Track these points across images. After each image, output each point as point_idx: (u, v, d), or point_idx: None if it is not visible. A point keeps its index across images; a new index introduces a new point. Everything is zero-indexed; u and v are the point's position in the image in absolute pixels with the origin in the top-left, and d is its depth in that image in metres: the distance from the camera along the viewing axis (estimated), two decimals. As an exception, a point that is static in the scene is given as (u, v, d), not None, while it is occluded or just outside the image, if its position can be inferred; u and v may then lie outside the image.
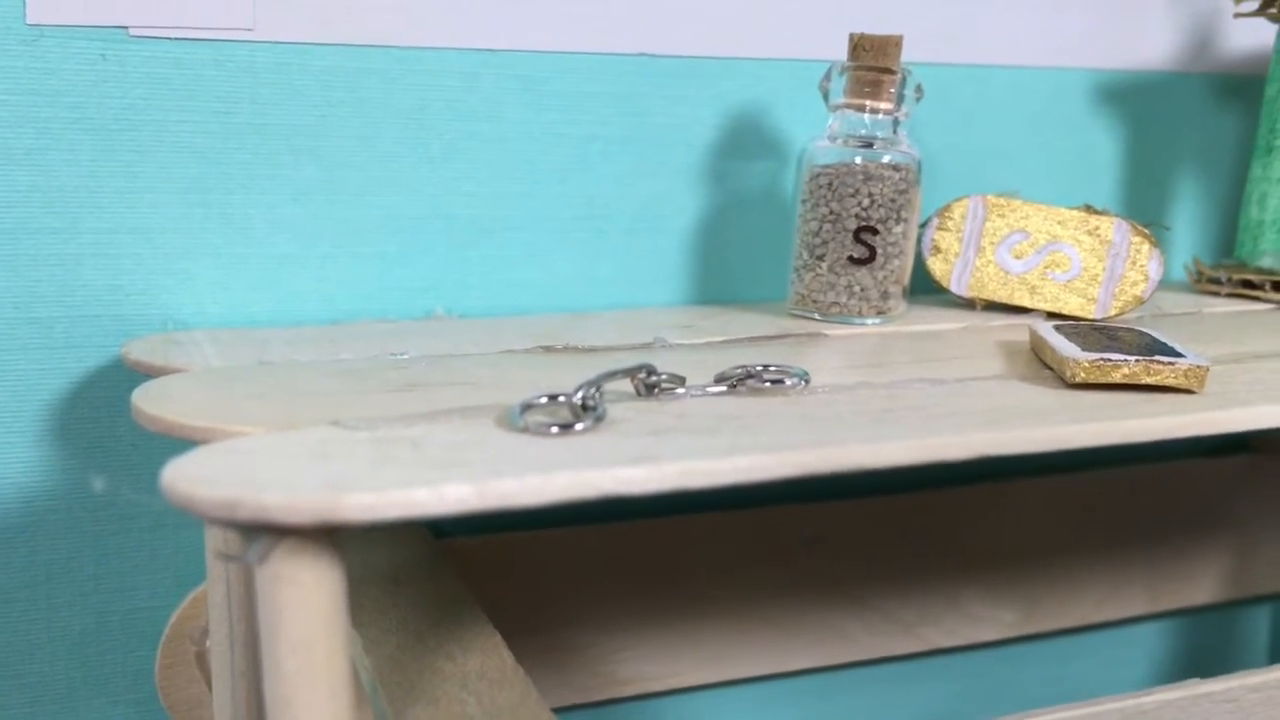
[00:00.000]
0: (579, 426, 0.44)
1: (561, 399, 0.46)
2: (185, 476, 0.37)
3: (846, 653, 0.78)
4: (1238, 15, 0.76)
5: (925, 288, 0.72)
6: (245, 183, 0.62)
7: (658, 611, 0.73)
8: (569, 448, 0.43)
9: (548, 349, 0.58)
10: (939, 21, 0.75)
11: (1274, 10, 0.74)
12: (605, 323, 0.65)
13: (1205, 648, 0.94)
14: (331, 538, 0.38)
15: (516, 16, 0.65)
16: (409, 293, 0.66)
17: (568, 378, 0.51)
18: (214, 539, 0.54)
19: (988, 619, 0.82)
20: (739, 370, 0.52)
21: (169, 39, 0.59)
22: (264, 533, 0.37)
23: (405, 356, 0.56)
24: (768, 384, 0.51)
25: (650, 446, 0.42)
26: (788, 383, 0.52)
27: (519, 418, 0.45)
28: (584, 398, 0.46)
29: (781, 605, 0.76)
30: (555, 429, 0.44)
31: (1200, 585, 0.88)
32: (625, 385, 0.50)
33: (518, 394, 0.48)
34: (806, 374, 0.52)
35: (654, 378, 0.50)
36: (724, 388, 0.51)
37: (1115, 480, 0.84)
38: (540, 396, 0.46)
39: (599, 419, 0.45)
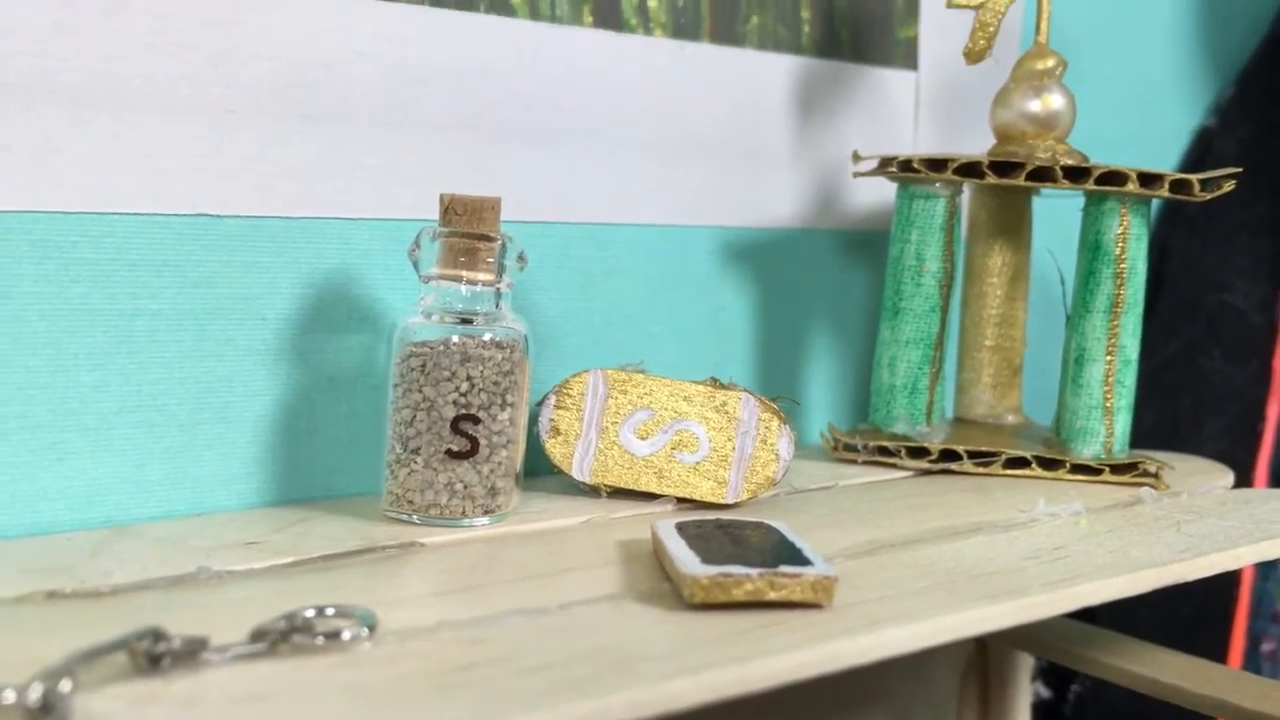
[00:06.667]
0: (24, 745, 0.32)
1: (10, 698, 0.34)
2: None
3: None
4: (857, 175, 0.74)
5: (547, 468, 0.64)
6: None
7: None
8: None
9: (52, 594, 0.46)
10: (549, 178, 0.69)
11: (893, 169, 0.72)
12: (150, 541, 0.53)
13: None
14: None
15: (28, 170, 0.53)
16: (-118, 517, 0.51)
17: (60, 644, 0.39)
18: None
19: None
20: (282, 623, 0.41)
21: None
22: None
23: None
24: (320, 639, 0.41)
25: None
26: (345, 635, 0.41)
27: (-65, 739, 0.33)
28: (45, 694, 0.34)
29: None
30: (-14, 754, 0.32)
31: (859, 765, 0.83)
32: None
33: (-32, 682, 0.36)
34: (372, 618, 0.42)
35: (162, 645, 0.39)
36: (262, 647, 0.40)
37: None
38: (-23, 699, 0.34)
39: (59, 728, 0.34)
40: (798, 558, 0.49)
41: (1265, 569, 0.95)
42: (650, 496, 0.63)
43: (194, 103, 0.57)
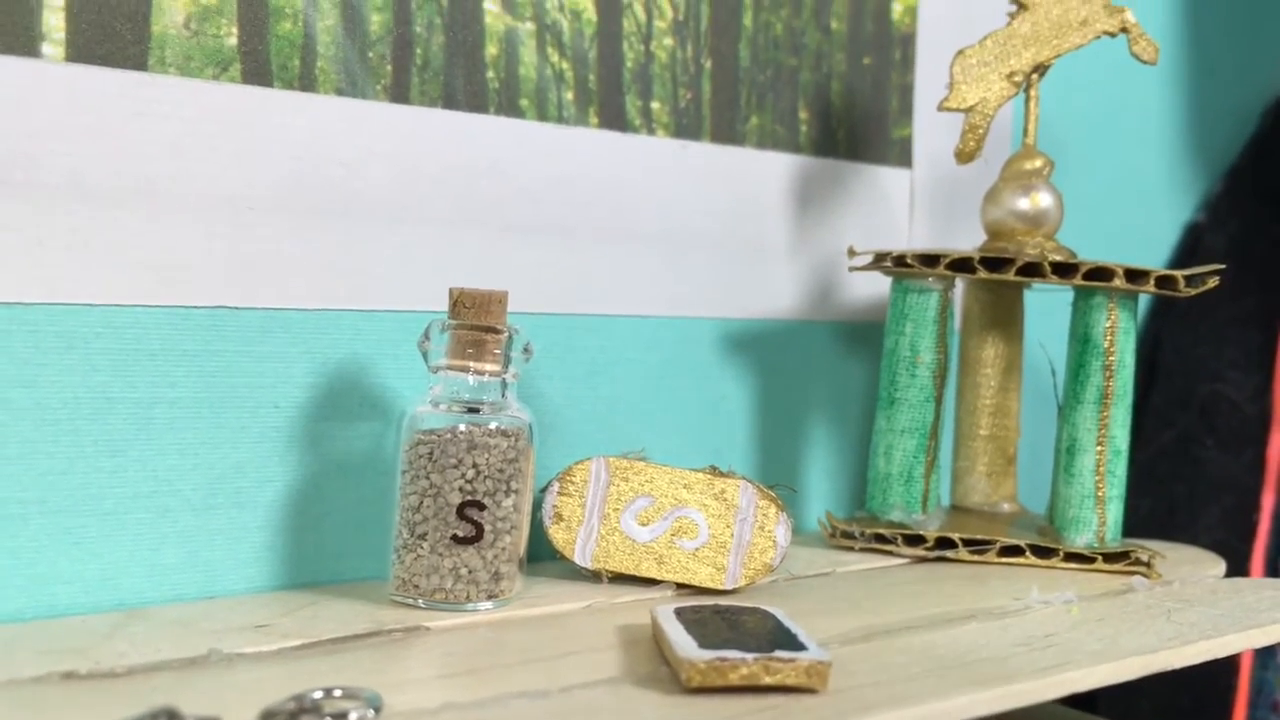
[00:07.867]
0: (44, 819, 0.34)
1: (31, 776, 0.36)
2: None
3: None
4: (852, 269, 0.76)
5: (550, 553, 0.65)
6: None
7: None
8: None
9: (69, 675, 0.47)
10: (555, 271, 0.71)
11: (887, 264, 0.74)
12: (163, 624, 0.55)
13: None
14: None
15: (57, 264, 0.56)
16: (-96, 599, 0.53)
17: (74, 723, 0.41)
18: None
19: None
20: (291, 704, 0.42)
21: None
22: None
23: None
24: (328, 719, 0.42)
25: None
26: (352, 717, 0.43)
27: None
28: (64, 771, 0.36)
29: None
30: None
31: None
32: (140, 735, 0.40)
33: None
34: (378, 700, 0.44)
35: (176, 726, 0.40)
36: (272, 728, 0.42)
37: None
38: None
39: (77, 803, 0.35)
40: (793, 643, 0.50)
41: (1265, 657, 0.96)
42: (650, 582, 0.64)
43: (215, 200, 0.60)
